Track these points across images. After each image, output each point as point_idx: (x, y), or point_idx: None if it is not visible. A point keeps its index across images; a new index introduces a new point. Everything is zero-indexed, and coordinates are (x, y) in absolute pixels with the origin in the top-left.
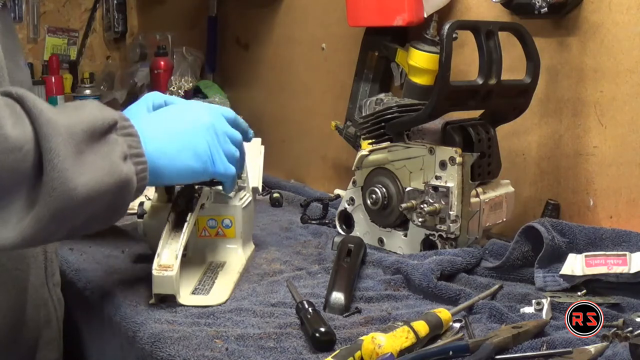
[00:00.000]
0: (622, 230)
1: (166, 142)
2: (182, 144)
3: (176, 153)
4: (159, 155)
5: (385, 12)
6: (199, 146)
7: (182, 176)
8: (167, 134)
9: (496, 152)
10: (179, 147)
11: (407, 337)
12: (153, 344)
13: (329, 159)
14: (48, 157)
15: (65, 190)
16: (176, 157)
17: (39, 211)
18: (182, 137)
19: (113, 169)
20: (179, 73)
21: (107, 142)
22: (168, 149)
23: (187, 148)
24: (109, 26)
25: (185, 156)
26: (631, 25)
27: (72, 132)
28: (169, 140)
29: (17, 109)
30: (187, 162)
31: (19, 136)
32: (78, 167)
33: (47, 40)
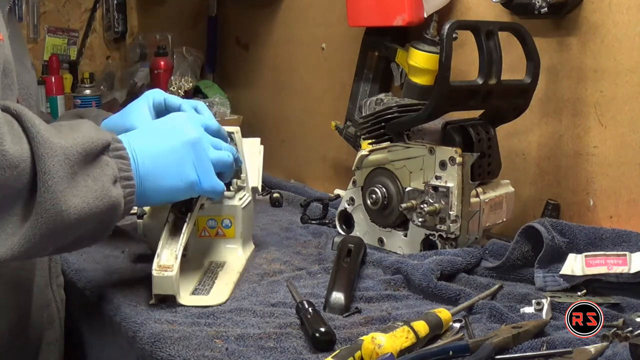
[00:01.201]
0: (622, 230)
1: (154, 163)
2: (167, 165)
3: (162, 175)
4: (147, 177)
5: (385, 12)
6: (184, 166)
7: (169, 196)
8: (154, 154)
9: (496, 152)
10: (164, 168)
11: (407, 337)
12: (153, 344)
13: (329, 159)
14: (43, 178)
15: (57, 211)
16: (163, 179)
17: (30, 230)
18: (168, 158)
19: (104, 192)
20: (179, 73)
21: (99, 164)
22: (156, 170)
23: (174, 168)
24: (109, 26)
25: (173, 177)
26: (631, 25)
27: (68, 153)
28: (157, 161)
29: (15, 126)
30: (174, 183)
31: (16, 154)
32: (71, 189)
33: (47, 40)
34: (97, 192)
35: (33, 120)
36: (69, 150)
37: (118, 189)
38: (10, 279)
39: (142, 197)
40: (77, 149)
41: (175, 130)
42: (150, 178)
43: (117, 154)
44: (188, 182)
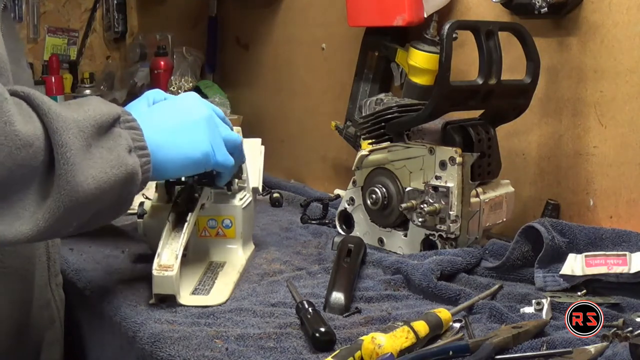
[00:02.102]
0: (622, 230)
1: (167, 135)
2: (183, 136)
3: (178, 145)
4: (161, 148)
5: (385, 12)
6: (200, 137)
7: (185, 167)
8: (168, 127)
9: (496, 152)
10: (180, 139)
11: (407, 337)
12: (153, 344)
13: (329, 159)
14: (60, 151)
15: (77, 183)
16: (178, 149)
17: (52, 204)
18: (183, 130)
19: (120, 161)
20: (179, 73)
21: (112, 136)
22: (169, 141)
23: (188, 140)
24: (109, 26)
25: (187, 148)
26: (631, 25)
27: (81, 126)
28: (170, 133)
29: (24, 106)
30: (189, 153)
31: (29, 132)
32: (87, 160)
33: (47, 40)
34: (114, 162)
35: (42, 98)
36: (82, 123)
37: (134, 158)
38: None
39: (157, 168)
40: (90, 121)
41: (187, 107)
42: (164, 148)
43: (128, 125)
44: (203, 152)
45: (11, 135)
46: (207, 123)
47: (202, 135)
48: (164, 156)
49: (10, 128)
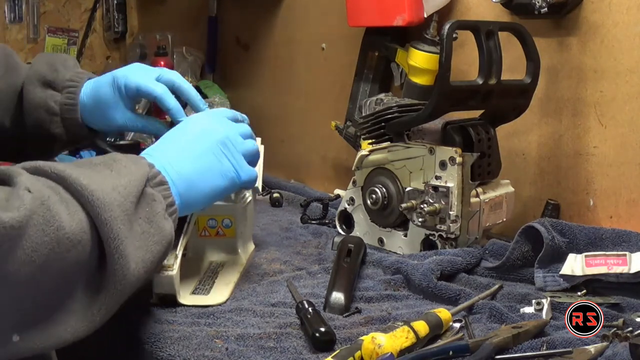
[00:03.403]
0: (622, 230)
1: (190, 173)
2: (204, 169)
3: (202, 179)
4: (188, 189)
5: (385, 12)
6: (221, 164)
7: (213, 198)
8: (188, 162)
9: (496, 152)
10: (202, 173)
11: (407, 337)
12: (153, 344)
13: (329, 159)
14: (113, 245)
15: (130, 272)
16: (204, 185)
17: (106, 297)
18: (203, 162)
19: (161, 233)
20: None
21: (147, 201)
22: (194, 180)
23: (210, 171)
24: (109, 26)
25: (212, 180)
26: (631, 25)
27: (124, 207)
28: (192, 169)
29: (63, 194)
30: (214, 183)
31: (77, 229)
32: (134, 242)
33: (47, 40)
34: (156, 236)
35: (78, 180)
36: (124, 204)
37: (169, 222)
38: None
39: (186, 208)
40: (130, 198)
41: (202, 133)
42: (191, 188)
43: (156, 181)
44: (228, 178)
45: (63, 240)
46: (224, 145)
47: (223, 161)
48: (192, 196)
49: (61, 233)
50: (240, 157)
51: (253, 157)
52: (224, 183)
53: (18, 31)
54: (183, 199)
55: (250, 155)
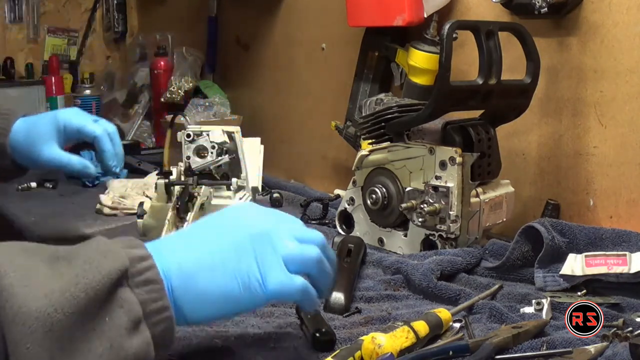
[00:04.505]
0: (622, 230)
1: (193, 265)
2: (214, 264)
3: (208, 277)
4: (186, 286)
5: (385, 12)
6: (240, 262)
7: (222, 308)
8: (196, 252)
9: (496, 152)
10: (210, 268)
11: (407, 337)
12: None
13: (329, 159)
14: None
15: None
16: (209, 284)
17: None
18: (217, 255)
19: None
20: (179, 73)
21: (107, 309)
22: (197, 274)
23: (222, 267)
24: (109, 26)
25: (220, 279)
26: (631, 25)
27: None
28: (197, 262)
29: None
30: (225, 286)
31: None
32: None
33: (47, 40)
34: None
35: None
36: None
37: (141, 335)
38: None
39: (184, 316)
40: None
41: (232, 222)
42: (190, 288)
43: (141, 279)
44: (244, 283)
45: None
46: (256, 242)
47: (244, 260)
48: (192, 300)
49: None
50: (275, 261)
51: (306, 266)
52: (236, 288)
53: (18, 31)
54: (180, 301)
55: (299, 261)
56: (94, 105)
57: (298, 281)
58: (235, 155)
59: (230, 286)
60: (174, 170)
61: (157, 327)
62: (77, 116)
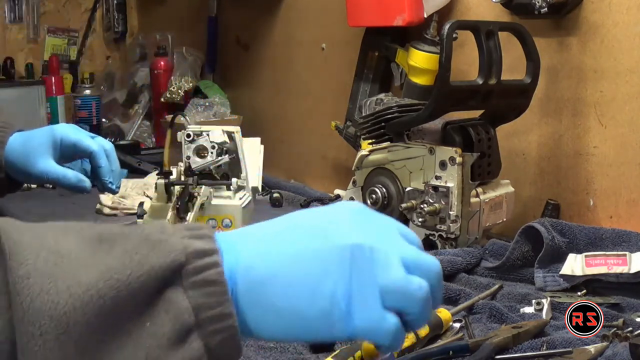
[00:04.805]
0: (622, 230)
1: (266, 274)
2: (293, 275)
3: (282, 292)
4: (256, 295)
5: (385, 12)
6: (322, 282)
7: (291, 330)
8: (272, 257)
9: (496, 152)
10: (287, 282)
11: (407, 337)
12: None
13: (329, 159)
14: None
15: None
16: (281, 299)
17: None
18: (298, 265)
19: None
20: (179, 73)
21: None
22: (269, 286)
23: (301, 283)
24: (109, 26)
25: (295, 296)
26: (631, 25)
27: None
28: (272, 270)
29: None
30: (298, 305)
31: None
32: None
33: (47, 40)
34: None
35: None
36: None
37: (189, 348)
38: None
39: (248, 331)
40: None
41: (326, 226)
42: (260, 298)
43: (199, 279)
44: (323, 307)
45: None
46: (351, 257)
47: (330, 278)
48: (260, 308)
49: None
50: (371, 292)
51: (407, 305)
52: (311, 312)
53: (18, 31)
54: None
55: (400, 296)
56: (94, 105)
57: (391, 321)
58: (235, 155)
59: (305, 307)
60: (174, 170)
61: (214, 338)
62: (74, 131)
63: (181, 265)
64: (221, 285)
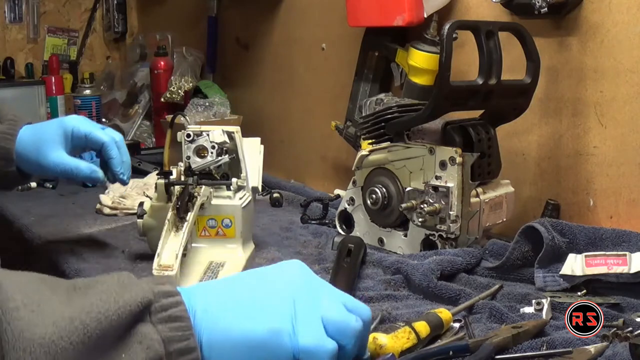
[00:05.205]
0: (622, 230)
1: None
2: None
3: (236, 317)
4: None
5: (385, 12)
6: (270, 305)
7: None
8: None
9: (496, 152)
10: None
11: (408, 338)
12: None
13: (329, 159)
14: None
15: None
16: (232, 322)
17: None
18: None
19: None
20: (179, 73)
21: (125, 345)
22: (221, 312)
23: (252, 310)
24: (109, 26)
25: (249, 321)
26: (631, 25)
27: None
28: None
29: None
30: (250, 328)
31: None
32: None
33: (47, 40)
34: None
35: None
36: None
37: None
38: None
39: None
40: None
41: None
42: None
43: (166, 315)
44: (271, 328)
45: None
46: (297, 293)
47: (278, 304)
48: (218, 341)
49: None
50: (313, 318)
51: (344, 337)
52: (261, 332)
53: (18, 31)
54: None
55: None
56: (94, 105)
57: (330, 345)
58: (235, 155)
59: (254, 330)
60: (174, 170)
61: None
62: (84, 123)
63: (150, 302)
64: (186, 320)
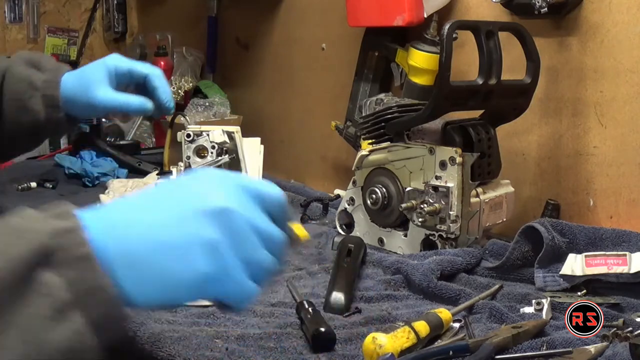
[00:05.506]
0: (622, 230)
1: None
2: (164, 245)
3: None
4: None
5: (385, 12)
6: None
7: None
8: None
9: (496, 152)
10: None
11: (407, 338)
12: (153, 344)
13: (329, 159)
14: None
15: None
16: (157, 267)
17: None
18: (166, 233)
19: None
20: (179, 73)
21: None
22: (142, 253)
23: (172, 250)
24: (109, 26)
25: (171, 264)
26: (631, 25)
27: None
28: (143, 239)
29: None
30: (173, 273)
31: None
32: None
33: (47, 40)
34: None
35: None
36: None
37: (69, 323)
38: None
39: (128, 300)
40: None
41: (191, 194)
42: (133, 266)
43: (69, 256)
44: (197, 273)
45: None
46: (217, 223)
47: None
48: (135, 276)
49: None
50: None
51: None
52: (185, 276)
53: (18, 31)
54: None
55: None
56: None
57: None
58: (235, 155)
59: (178, 275)
60: (174, 170)
61: (95, 311)
62: (124, 60)
63: (47, 247)
64: (92, 260)
